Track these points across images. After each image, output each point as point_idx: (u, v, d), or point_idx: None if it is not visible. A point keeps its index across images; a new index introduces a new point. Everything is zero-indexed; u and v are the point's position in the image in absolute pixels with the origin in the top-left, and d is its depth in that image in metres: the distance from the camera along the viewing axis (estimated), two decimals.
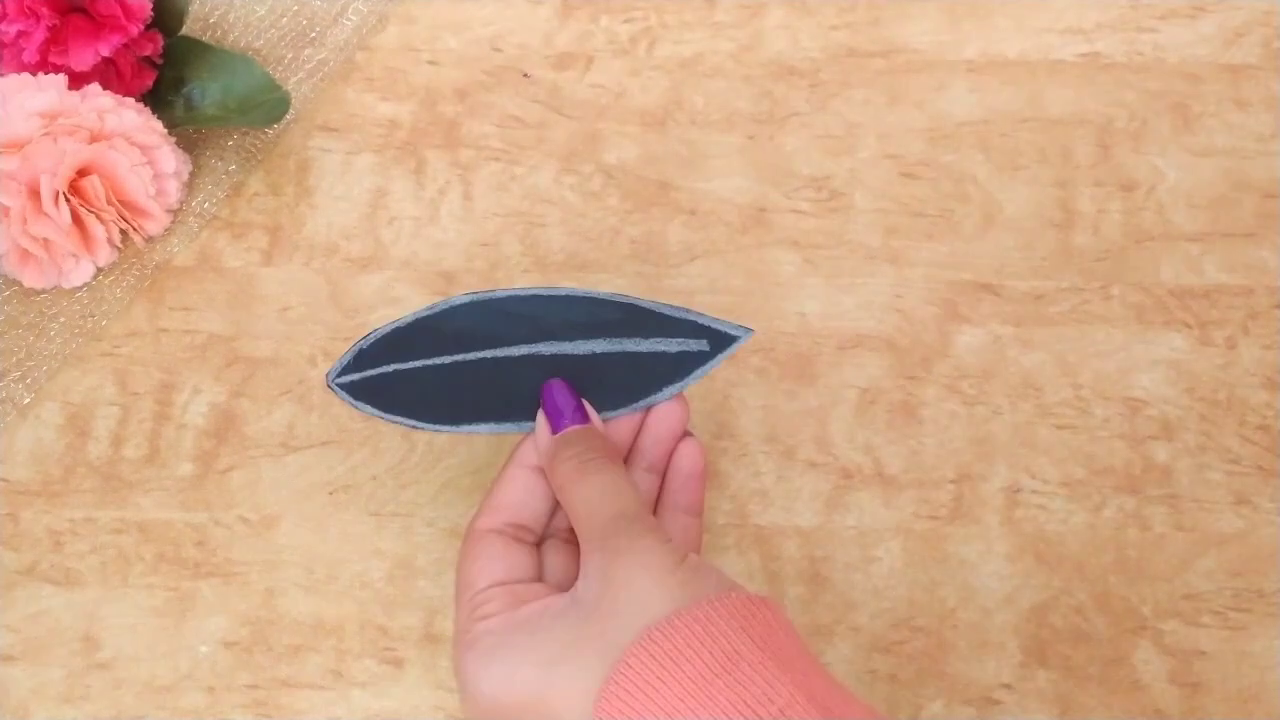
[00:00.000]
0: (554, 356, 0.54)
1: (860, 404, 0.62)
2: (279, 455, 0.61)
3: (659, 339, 0.55)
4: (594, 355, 0.55)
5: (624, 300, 0.55)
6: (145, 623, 0.58)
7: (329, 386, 0.54)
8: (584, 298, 0.55)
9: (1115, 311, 0.64)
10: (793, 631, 0.48)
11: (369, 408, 0.54)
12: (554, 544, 0.54)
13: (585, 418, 0.53)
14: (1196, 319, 0.64)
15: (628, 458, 0.56)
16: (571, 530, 0.55)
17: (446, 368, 0.54)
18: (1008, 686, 0.57)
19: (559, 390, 0.54)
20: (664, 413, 0.56)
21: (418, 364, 0.54)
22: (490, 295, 0.55)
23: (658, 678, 0.45)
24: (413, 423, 0.54)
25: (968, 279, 0.65)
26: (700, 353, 0.55)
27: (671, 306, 0.55)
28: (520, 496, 0.53)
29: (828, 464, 0.61)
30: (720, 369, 0.63)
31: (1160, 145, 0.67)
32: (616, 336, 0.55)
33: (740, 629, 0.47)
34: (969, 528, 0.60)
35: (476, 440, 0.62)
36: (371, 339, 0.54)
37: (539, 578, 0.53)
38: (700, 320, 0.55)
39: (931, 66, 0.70)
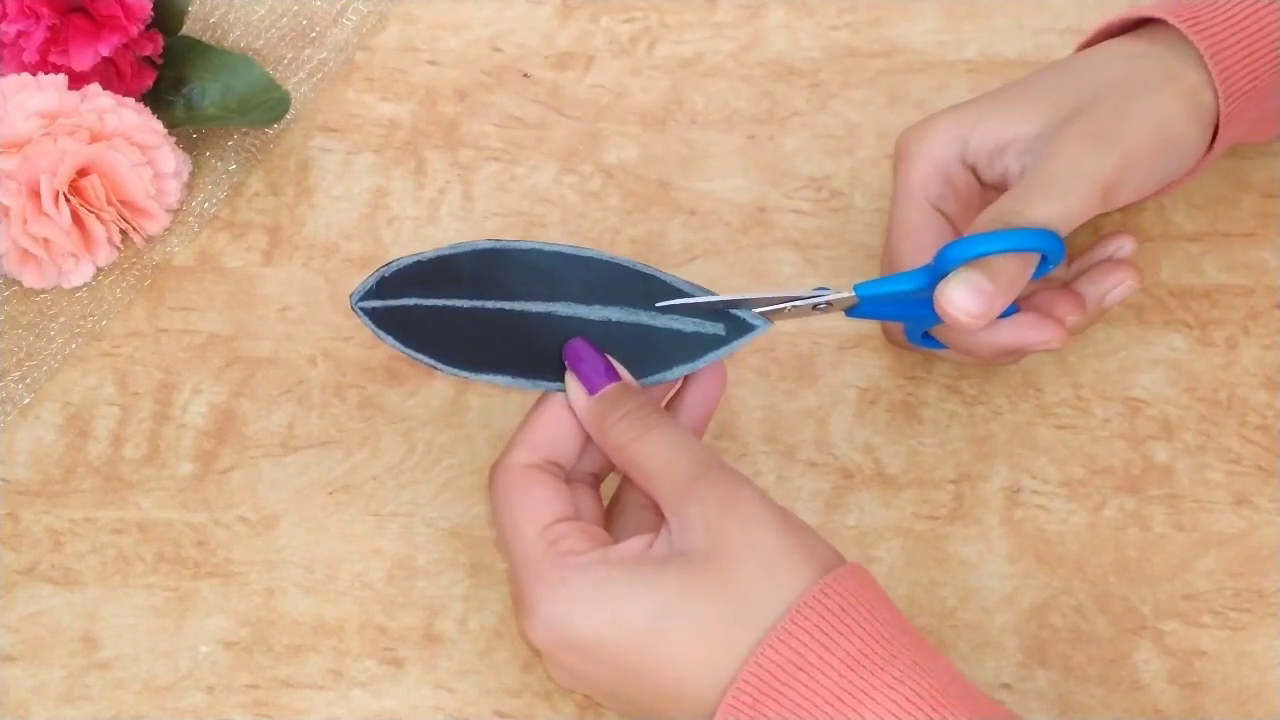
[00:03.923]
0: (569, 319, 0.54)
1: (860, 404, 0.62)
2: (279, 455, 0.61)
3: (676, 315, 0.55)
4: (608, 323, 0.54)
5: (646, 270, 0.55)
6: (145, 623, 0.58)
7: (353, 308, 0.53)
8: (606, 262, 0.54)
9: (1115, 311, 0.64)
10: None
11: (390, 338, 0.53)
12: (578, 487, 0.54)
13: (617, 375, 0.53)
14: (1196, 319, 0.64)
15: None
16: (594, 475, 0.55)
17: (465, 312, 0.54)
18: (1008, 686, 0.57)
19: (585, 350, 0.53)
20: (708, 379, 0.55)
21: (438, 302, 0.54)
22: (513, 245, 0.54)
23: (823, 645, 0.47)
24: (432, 361, 0.53)
25: None
26: (715, 336, 0.55)
27: (694, 285, 0.55)
28: (557, 431, 0.53)
29: (828, 464, 0.61)
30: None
31: None
32: (633, 306, 0.54)
33: (883, 601, 0.49)
34: (969, 528, 0.60)
35: (476, 440, 0.62)
36: (394, 268, 0.53)
37: (580, 518, 0.53)
38: (720, 304, 0.55)
39: (931, 66, 0.70)
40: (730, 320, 0.55)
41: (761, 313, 0.55)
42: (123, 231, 0.64)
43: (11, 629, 0.58)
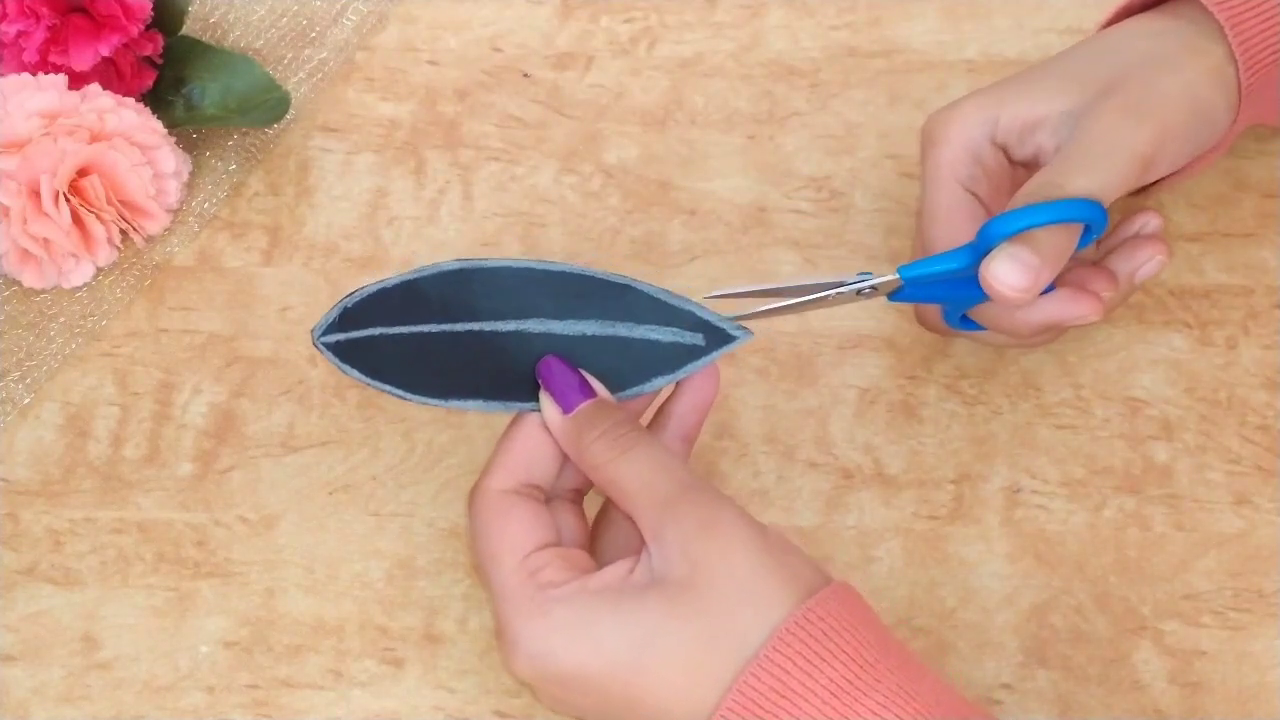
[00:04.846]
0: (542, 335, 0.53)
1: (860, 404, 0.62)
2: (279, 455, 0.61)
3: (653, 326, 0.53)
4: (583, 337, 0.53)
5: (621, 281, 0.53)
6: (145, 623, 0.58)
7: (314, 345, 0.52)
8: (577, 275, 0.53)
9: (1115, 311, 0.64)
10: (878, 619, 0.50)
11: (355, 372, 0.52)
12: (560, 504, 0.54)
13: (592, 392, 0.52)
14: (1196, 319, 0.64)
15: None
16: (576, 491, 0.55)
17: (433, 337, 0.52)
18: (1008, 686, 0.57)
19: (558, 368, 0.52)
20: (700, 384, 0.55)
21: (404, 330, 0.52)
22: (480, 264, 0.53)
23: (805, 672, 0.47)
24: (401, 392, 0.52)
25: None
26: (694, 347, 0.53)
27: (672, 294, 0.54)
28: (533, 454, 0.52)
29: (828, 464, 0.61)
30: (720, 367, 0.62)
31: None
32: (609, 319, 0.53)
33: (868, 623, 0.48)
34: (969, 528, 0.60)
35: (476, 440, 0.62)
36: (357, 298, 0.52)
37: (560, 540, 0.52)
38: (700, 313, 0.53)
39: (931, 66, 0.70)
40: (709, 330, 0.54)
41: (808, 300, 0.54)
42: (123, 231, 0.64)
43: (11, 629, 0.58)
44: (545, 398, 0.52)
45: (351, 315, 0.52)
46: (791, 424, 0.62)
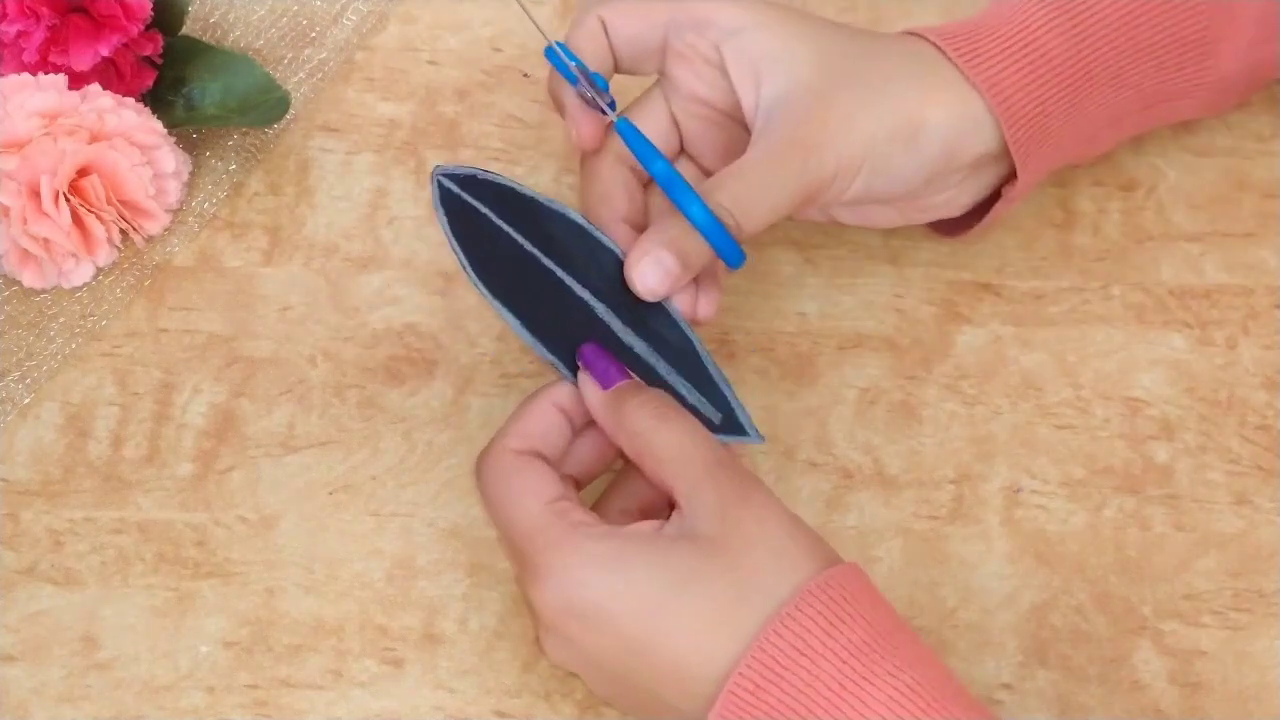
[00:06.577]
0: (600, 322, 0.55)
1: (860, 404, 0.62)
2: (279, 455, 0.61)
3: (685, 382, 0.56)
4: (630, 351, 0.55)
5: (684, 331, 0.56)
6: (145, 623, 0.58)
7: (431, 177, 0.55)
8: (660, 306, 0.56)
9: (1115, 311, 0.64)
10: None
11: (444, 220, 0.55)
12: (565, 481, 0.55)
13: (630, 376, 0.54)
14: (1196, 319, 0.64)
15: None
16: (576, 480, 0.56)
17: (523, 251, 0.55)
18: (1008, 686, 0.57)
19: (599, 353, 0.55)
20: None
21: (506, 227, 0.55)
22: (598, 236, 0.56)
23: (825, 632, 0.48)
24: (469, 267, 0.55)
25: (968, 279, 0.65)
26: (708, 420, 0.55)
27: (717, 369, 0.56)
28: (546, 427, 0.54)
29: (828, 464, 0.61)
30: (721, 368, 0.62)
31: (1160, 145, 0.67)
32: (659, 353, 0.56)
33: (881, 598, 0.50)
34: (969, 528, 0.60)
35: (476, 440, 0.62)
36: (488, 177, 0.55)
37: None
38: (731, 399, 0.56)
39: None
40: (729, 416, 0.56)
41: None
42: (123, 231, 0.64)
43: (11, 629, 0.58)
44: (585, 377, 0.54)
45: (474, 184, 0.55)
46: (791, 424, 0.62)
